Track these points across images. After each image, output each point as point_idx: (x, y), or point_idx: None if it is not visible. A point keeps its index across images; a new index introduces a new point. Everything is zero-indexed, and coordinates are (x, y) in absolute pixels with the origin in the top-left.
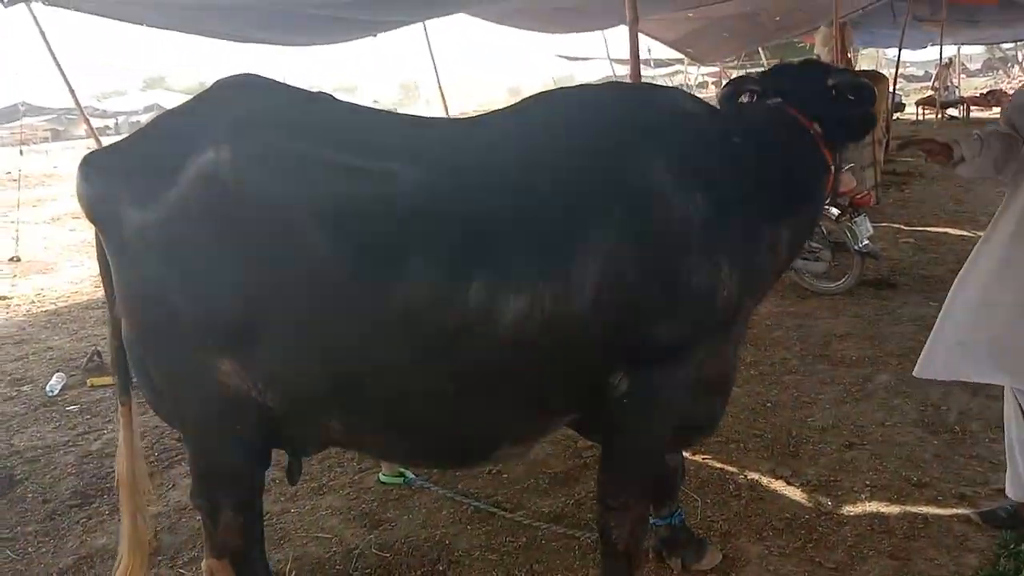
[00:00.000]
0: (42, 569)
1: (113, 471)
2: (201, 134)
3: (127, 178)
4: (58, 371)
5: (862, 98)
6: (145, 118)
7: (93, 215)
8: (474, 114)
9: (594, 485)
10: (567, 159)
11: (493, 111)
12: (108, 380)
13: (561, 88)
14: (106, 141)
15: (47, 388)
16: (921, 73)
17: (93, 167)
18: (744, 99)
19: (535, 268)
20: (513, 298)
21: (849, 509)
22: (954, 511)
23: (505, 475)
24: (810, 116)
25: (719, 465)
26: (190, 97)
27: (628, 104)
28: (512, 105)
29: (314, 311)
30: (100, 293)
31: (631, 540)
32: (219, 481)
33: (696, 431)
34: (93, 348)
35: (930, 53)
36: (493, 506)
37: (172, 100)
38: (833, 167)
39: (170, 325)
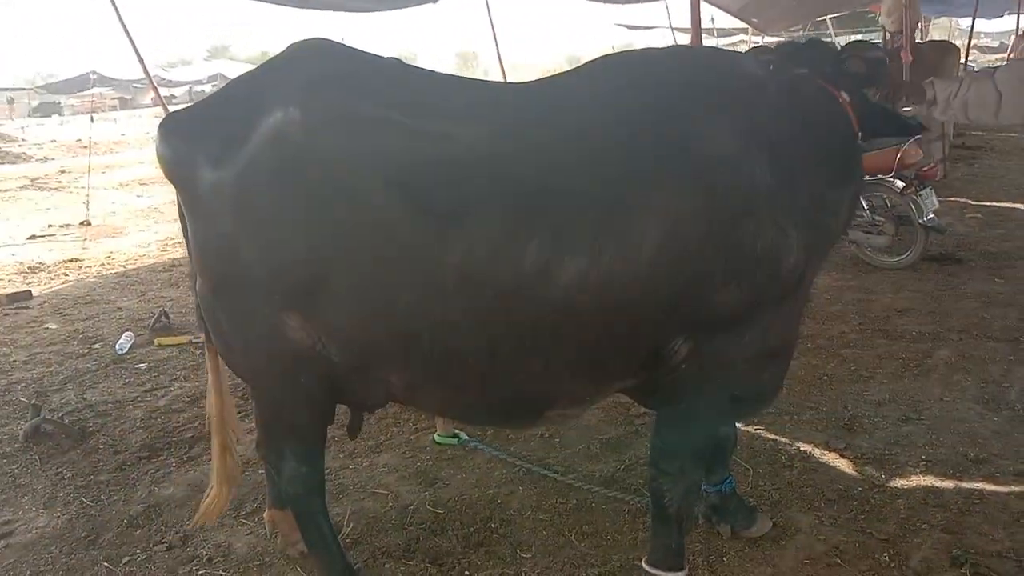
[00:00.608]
0: (114, 515)
1: (180, 425)
2: (273, 96)
3: (203, 139)
4: (127, 330)
5: (875, 66)
6: (209, 88)
7: (171, 174)
8: None
9: (645, 451)
10: (630, 122)
11: (557, 74)
12: (175, 340)
13: (625, 51)
14: (172, 110)
15: (117, 346)
16: (996, 44)
17: (171, 129)
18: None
19: (594, 231)
20: (570, 260)
21: (903, 482)
22: (1012, 488)
23: (557, 439)
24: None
25: (772, 436)
26: (253, 67)
27: (693, 67)
28: (575, 68)
29: (377, 268)
30: (166, 256)
31: (683, 505)
32: (285, 432)
33: (754, 401)
34: (160, 309)
35: (1006, 23)
36: (545, 468)
37: (236, 69)
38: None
39: (241, 280)
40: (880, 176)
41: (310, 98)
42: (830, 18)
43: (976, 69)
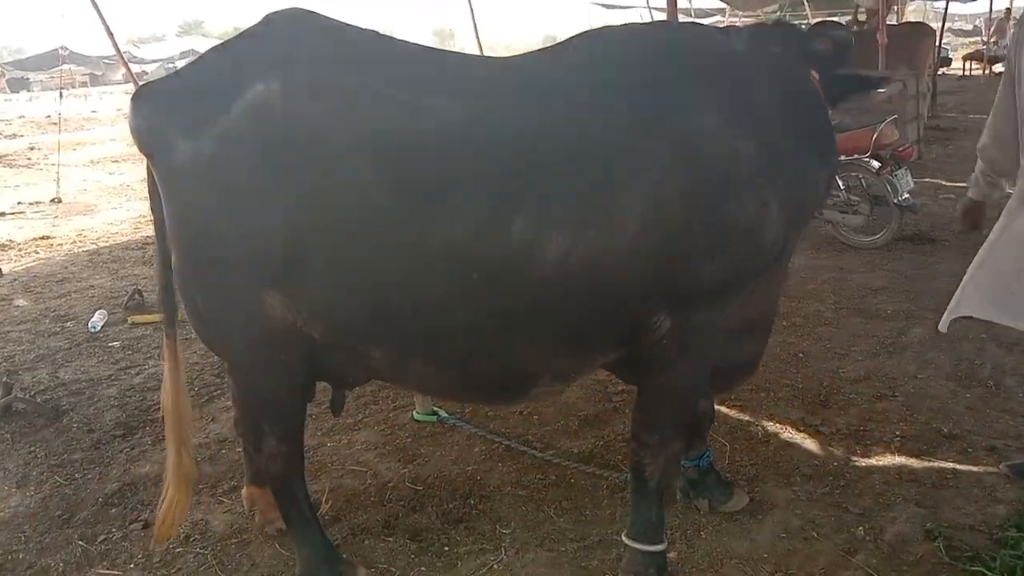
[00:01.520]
0: (89, 494)
1: (155, 403)
2: (252, 66)
3: (178, 109)
4: (100, 308)
5: (841, 46)
6: (181, 63)
7: (144, 146)
8: None
9: (623, 428)
10: (612, 96)
11: (539, 49)
12: (149, 318)
13: (607, 27)
14: None
15: (90, 325)
16: (970, 27)
17: (144, 100)
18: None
19: (578, 205)
20: (555, 235)
21: (878, 458)
22: (984, 463)
23: (536, 416)
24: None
25: (748, 413)
26: None
27: (676, 42)
28: (557, 43)
29: (358, 243)
30: (139, 234)
31: (663, 478)
32: (264, 411)
33: (734, 373)
34: (134, 287)
35: (980, 6)
36: (524, 445)
37: (208, 45)
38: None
39: (218, 256)
40: (856, 156)
41: (290, 68)
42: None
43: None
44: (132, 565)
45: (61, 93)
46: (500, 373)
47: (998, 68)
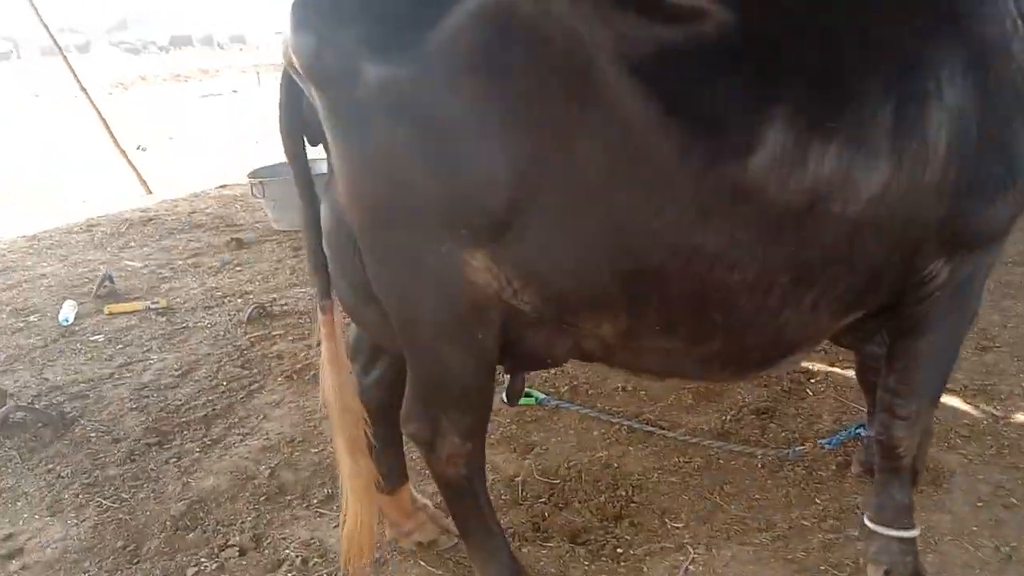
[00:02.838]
0: (150, 517)
1: (181, 403)
2: None
3: (365, 22)
4: (67, 299)
5: None
6: None
7: (309, 71)
8: None
9: (741, 399)
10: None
11: None
12: (127, 307)
13: None
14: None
15: (60, 318)
16: None
17: (312, 10)
18: None
19: (895, 125)
20: (874, 165)
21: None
22: None
23: (643, 392)
24: None
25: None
26: None
27: None
28: None
29: (611, 185)
30: (81, 216)
31: (919, 454)
32: (447, 401)
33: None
34: (104, 272)
35: None
36: (649, 425)
37: None
38: None
39: (411, 209)
40: None
41: None
42: None
43: None
44: None
45: None
46: (771, 343)
47: None
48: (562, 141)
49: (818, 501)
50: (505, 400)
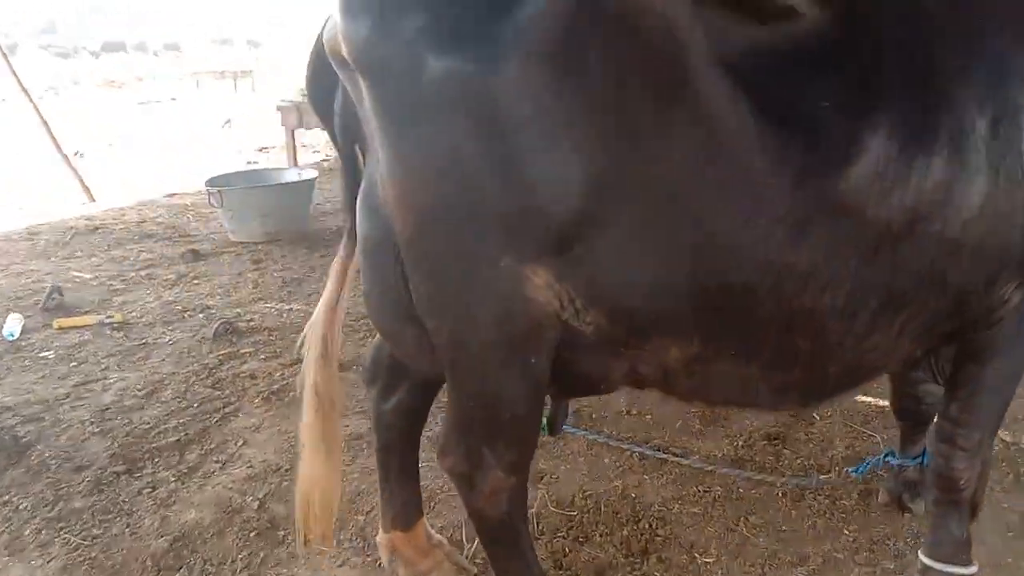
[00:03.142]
0: (128, 556)
1: (150, 426)
2: None
3: (429, 9)
4: (11, 311)
5: None
6: None
7: (361, 61)
8: None
9: (749, 423)
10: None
11: None
12: (79, 321)
13: None
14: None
15: (5, 333)
16: None
17: None
18: None
19: (994, 139)
20: (975, 179)
21: None
22: None
23: (648, 416)
24: None
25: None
26: None
27: None
28: None
29: (695, 193)
30: (21, 224)
31: (980, 486)
32: (493, 431)
33: None
34: (52, 284)
35: None
36: (660, 452)
37: None
38: None
39: (470, 217)
40: None
41: None
42: None
43: None
44: None
45: None
46: (852, 369)
47: None
48: (644, 146)
49: (847, 532)
50: (546, 430)
